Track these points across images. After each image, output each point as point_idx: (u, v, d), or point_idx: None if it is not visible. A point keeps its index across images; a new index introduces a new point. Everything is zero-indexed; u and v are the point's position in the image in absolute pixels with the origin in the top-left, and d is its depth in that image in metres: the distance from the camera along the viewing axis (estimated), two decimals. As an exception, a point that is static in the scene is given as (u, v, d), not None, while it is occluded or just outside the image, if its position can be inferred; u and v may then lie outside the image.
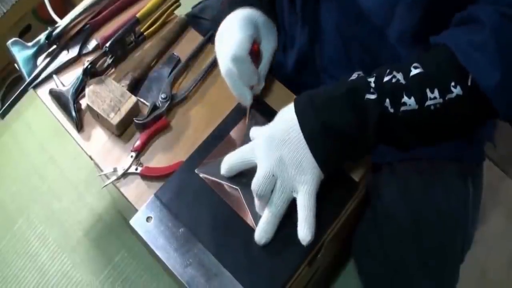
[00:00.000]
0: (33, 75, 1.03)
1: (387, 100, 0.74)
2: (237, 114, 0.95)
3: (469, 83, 0.71)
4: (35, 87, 1.04)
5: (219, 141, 0.92)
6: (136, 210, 0.88)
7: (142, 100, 1.02)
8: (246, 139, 0.91)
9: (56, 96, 1.01)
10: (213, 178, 0.88)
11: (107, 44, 1.01)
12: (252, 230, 0.82)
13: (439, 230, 1.00)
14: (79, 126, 1.00)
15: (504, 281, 1.60)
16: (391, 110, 0.75)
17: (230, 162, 0.86)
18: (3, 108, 1.01)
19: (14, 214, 1.77)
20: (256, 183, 0.78)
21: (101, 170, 0.96)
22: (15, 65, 1.05)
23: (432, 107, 0.73)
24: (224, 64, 0.90)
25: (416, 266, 1.03)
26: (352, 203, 0.90)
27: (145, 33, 1.08)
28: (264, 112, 0.95)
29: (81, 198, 1.79)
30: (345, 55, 0.98)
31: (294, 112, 0.79)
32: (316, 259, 0.90)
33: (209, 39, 1.08)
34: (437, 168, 1.00)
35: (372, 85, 0.75)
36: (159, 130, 0.98)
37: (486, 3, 0.73)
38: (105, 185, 0.96)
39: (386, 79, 0.75)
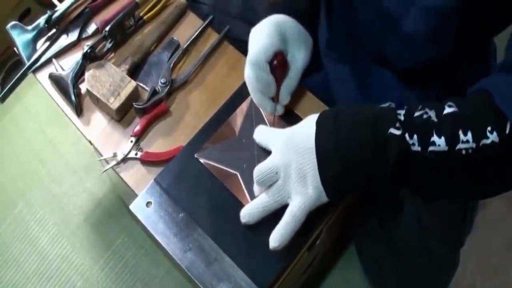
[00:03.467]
0: (32, 59, 1.03)
1: (415, 136, 0.68)
2: (237, 99, 0.94)
3: (507, 131, 0.64)
4: (34, 71, 1.04)
5: (218, 126, 0.92)
6: (136, 195, 0.88)
7: (141, 84, 1.01)
8: (245, 125, 0.91)
9: (56, 80, 1.01)
10: (213, 163, 0.88)
11: (107, 28, 1.01)
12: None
13: (440, 214, 1.00)
14: (79, 110, 0.99)
15: (504, 265, 1.61)
16: (418, 149, 0.68)
17: (259, 130, 0.87)
18: (2, 92, 1.01)
19: (14, 198, 1.77)
20: (259, 171, 0.78)
21: (101, 155, 0.96)
22: (15, 48, 1.05)
23: (463, 152, 0.65)
24: (245, 67, 0.87)
25: (416, 248, 1.04)
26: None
27: (144, 17, 1.08)
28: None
29: (81, 183, 1.79)
30: (346, 41, 0.97)
31: (315, 123, 0.76)
32: (315, 244, 0.90)
33: (209, 24, 1.08)
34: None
35: (401, 118, 0.69)
36: (158, 115, 0.98)
37: None
38: (105, 170, 0.96)
39: (416, 114, 0.69)
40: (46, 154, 1.85)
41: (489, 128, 0.64)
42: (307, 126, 0.76)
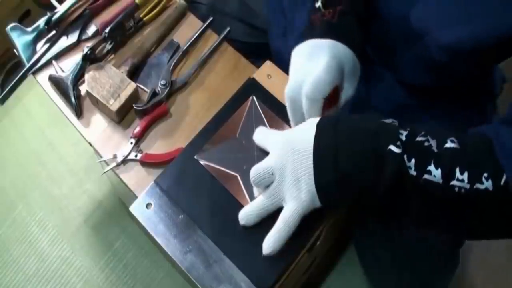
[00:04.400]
0: (32, 60, 1.03)
1: (413, 160, 0.68)
2: (237, 100, 0.94)
3: (502, 182, 0.65)
4: (34, 73, 1.04)
5: (218, 127, 0.91)
6: (136, 197, 0.88)
7: (141, 86, 1.01)
8: (245, 126, 0.91)
9: (56, 82, 1.01)
10: (213, 165, 0.88)
11: (107, 30, 1.01)
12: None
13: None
14: (79, 112, 0.99)
15: (504, 265, 1.61)
16: (413, 173, 0.67)
17: (259, 131, 0.86)
18: (2, 94, 1.01)
19: (14, 199, 1.77)
20: (255, 171, 0.77)
21: (101, 157, 0.96)
22: (15, 50, 1.05)
23: (456, 189, 0.66)
24: (294, 88, 0.82)
25: (416, 249, 1.04)
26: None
27: (144, 19, 1.08)
28: (265, 100, 0.94)
29: (81, 185, 1.79)
30: None
31: (315, 129, 0.74)
32: (315, 245, 0.90)
33: (209, 25, 1.08)
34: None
35: (403, 138, 0.69)
36: (158, 116, 0.98)
37: None
38: (105, 172, 0.96)
39: (419, 139, 0.69)
40: (46, 155, 1.85)
41: (485, 175, 0.65)
42: (307, 129, 0.75)
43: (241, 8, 1.17)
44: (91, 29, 1.07)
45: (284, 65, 1.00)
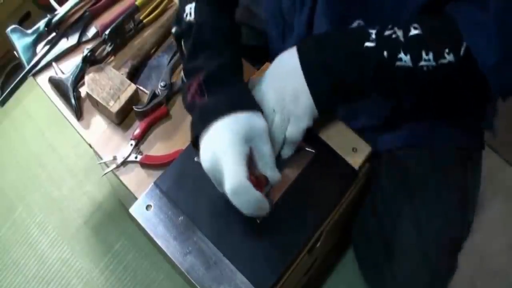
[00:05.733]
0: (32, 62, 1.03)
1: (385, 52, 0.77)
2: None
3: (461, 53, 0.75)
4: (34, 75, 1.04)
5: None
6: (136, 198, 0.88)
7: (141, 88, 1.02)
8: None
9: (56, 84, 1.01)
10: (213, 166, 0.88)
11: (106, 32, 1.01)
12: (251, 218, 0.82)
13: (438, 218, 1.00)
14: (79, 114, 1.00)
15: (503, 269, 1.61)
16: (388, 62, 0.78)
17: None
18: (2, 96, 1.01)
19: (14, 202, 1.77)
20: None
21: (101, 158, 0.96)
22: (15, 52, 1.05)
23: (424, 68, 0.77)
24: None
25: (414, 254, 1.04)
26: (351, 191, 0.90)
27: (144, 21, 1.08)
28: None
29: (81, 186, 1.79)
30: None
31: (296, 49, 0.82)
32: (315, 247, 0.90)
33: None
34: (437, 156, 1.00)
35: (373, 36, 0.78)
36: (158, 118, 0.98)
37: None
38: (105, 173, 0.96)
39: (386, 33, 0.78)
40: (46, 157, 1.85)
41: (446, 50, 0.76)
42: (287, 54, 0.84)
43: (243, 11, 1.17)
44: (91, 31, 1.07)
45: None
